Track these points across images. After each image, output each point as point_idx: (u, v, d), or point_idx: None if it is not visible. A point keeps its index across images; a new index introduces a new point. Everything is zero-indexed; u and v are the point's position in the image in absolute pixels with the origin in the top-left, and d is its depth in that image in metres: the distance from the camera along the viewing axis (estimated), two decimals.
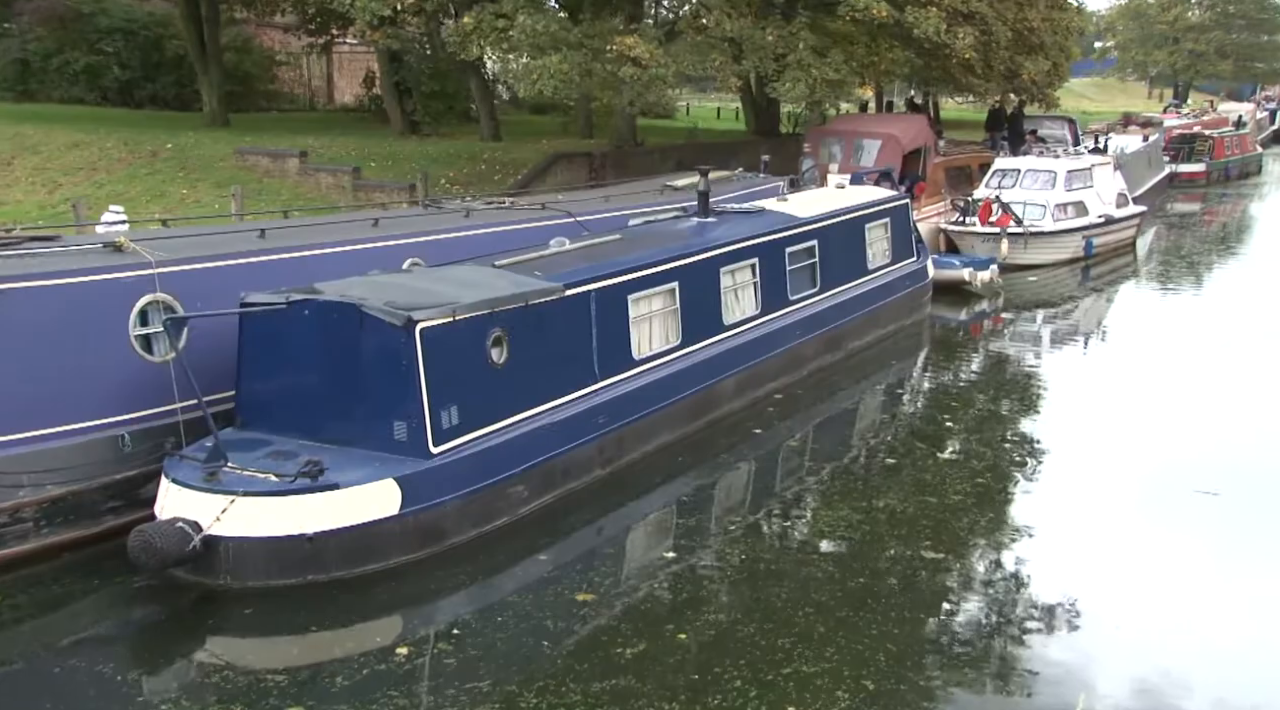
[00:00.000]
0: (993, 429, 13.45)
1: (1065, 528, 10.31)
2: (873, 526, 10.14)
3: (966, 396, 15.08)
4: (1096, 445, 12.79)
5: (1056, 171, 25.43)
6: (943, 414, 14.00)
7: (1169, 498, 11.14)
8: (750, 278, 14.64)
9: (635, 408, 11.99)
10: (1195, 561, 9.67)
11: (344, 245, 11.93)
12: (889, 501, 10.77)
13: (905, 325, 18.79)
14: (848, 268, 17.21)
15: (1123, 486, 11.32)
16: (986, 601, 8.73)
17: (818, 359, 15.90)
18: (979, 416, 14.01)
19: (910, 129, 25.78)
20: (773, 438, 12.91)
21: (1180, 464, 12.18)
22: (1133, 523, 10.36)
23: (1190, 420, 13.79)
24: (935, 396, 15.09)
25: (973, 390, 15.49)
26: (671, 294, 12.96)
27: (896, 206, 19.11)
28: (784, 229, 15.57)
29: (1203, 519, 10.61)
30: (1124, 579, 9.12)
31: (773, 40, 24.05)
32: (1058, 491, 11.35)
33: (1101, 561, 9.45)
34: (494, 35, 22.59)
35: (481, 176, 25.48)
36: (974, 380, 16.22)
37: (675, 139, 31.96)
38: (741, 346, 14.03)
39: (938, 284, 21.39)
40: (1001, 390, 15.48)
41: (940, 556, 9.46)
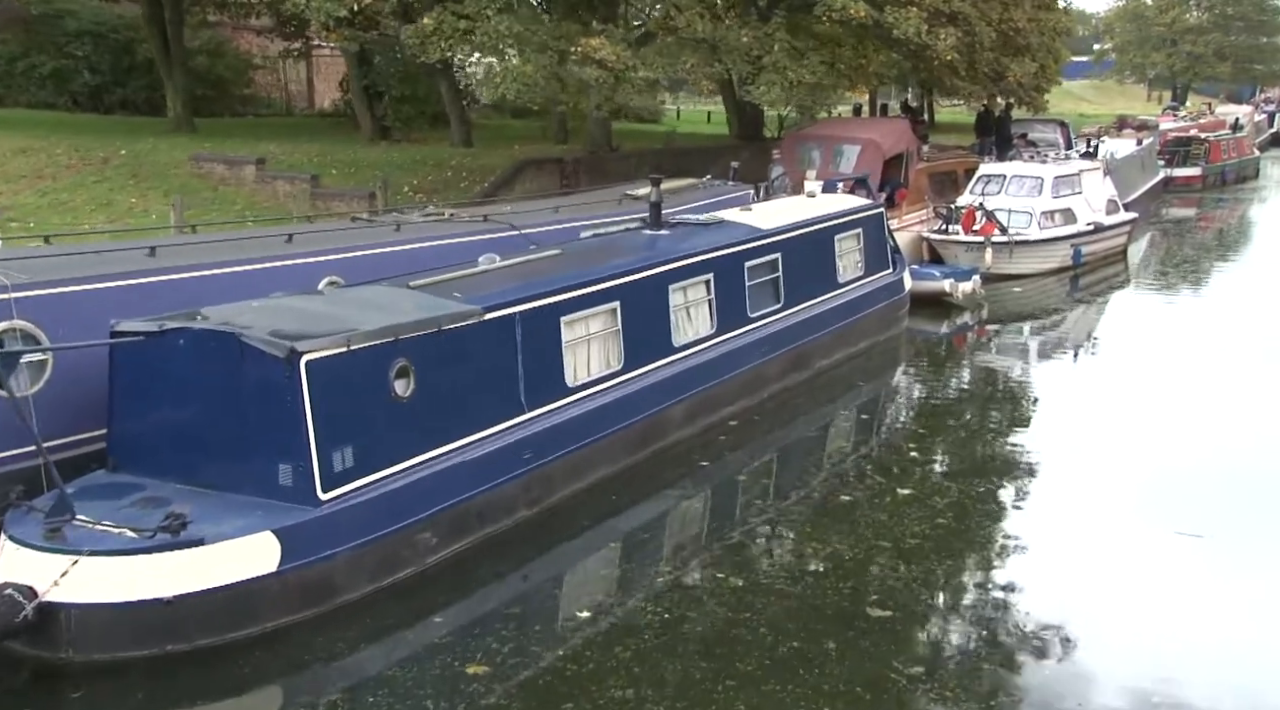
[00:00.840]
0: (961, 459, 12.41)
1: (1032, 580, 9.26)
2: (816, 579, 9.11)
3: (938, 421, 14.03)
4: (1074, 479, 11.75)
5: (1043, 177, 24.39)
6: (909, 442, 12.95)
7: (1154, 541, 10.09)
8: (704, 295, 13.61)
9: (568, 440, 10.96)
10: (1185, 615, 8.63)
11: (249, 264, 10.92)
12: (839, 546, 9.73)
13: (880, 341, 17.75)
14: (815, 282, 16.19)
15: (1103, 534, 10.23)
16: (933, 678, 7.66)
17: (781, 380, 14.87)
18: (949, 444, 12.98)
19: (891, 133, 24.75)
20: (720, 471, 11.87)
21: (1170, 500, 11.14)
22: (1114, 580, 9.27)
23: (1182, 448, 12.76)
24: (904, 421, 14.04)
25: (945, 414, 14.45)
26: (612, 314, 11.93)
27: (870, 216, 18.08)
28: (743, 242, 14.54)
29: (1191, 568, 9.58)
30: (1101, 656, 8.05)
31: (748, 42, 23.04)
32: (1025, 535, 10.30)
33: (1073, 622, 8.39)
34: (455, 37, 21.59)
35: (447, 184, 24.48)
36: (948, 402, 15.18)
37: (653, 144, 30.97)
38: (693, 369, 13.00)
39: (917, 296, 20.35)
40: (976, 413, 14.43)
41: (886, 615, 8.41)
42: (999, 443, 13.01)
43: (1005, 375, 16.87)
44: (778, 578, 9.12)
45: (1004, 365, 17.57)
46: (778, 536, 10.16)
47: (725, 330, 13.86)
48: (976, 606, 8.82)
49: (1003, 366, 17.49)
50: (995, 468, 12.06)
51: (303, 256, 11.44)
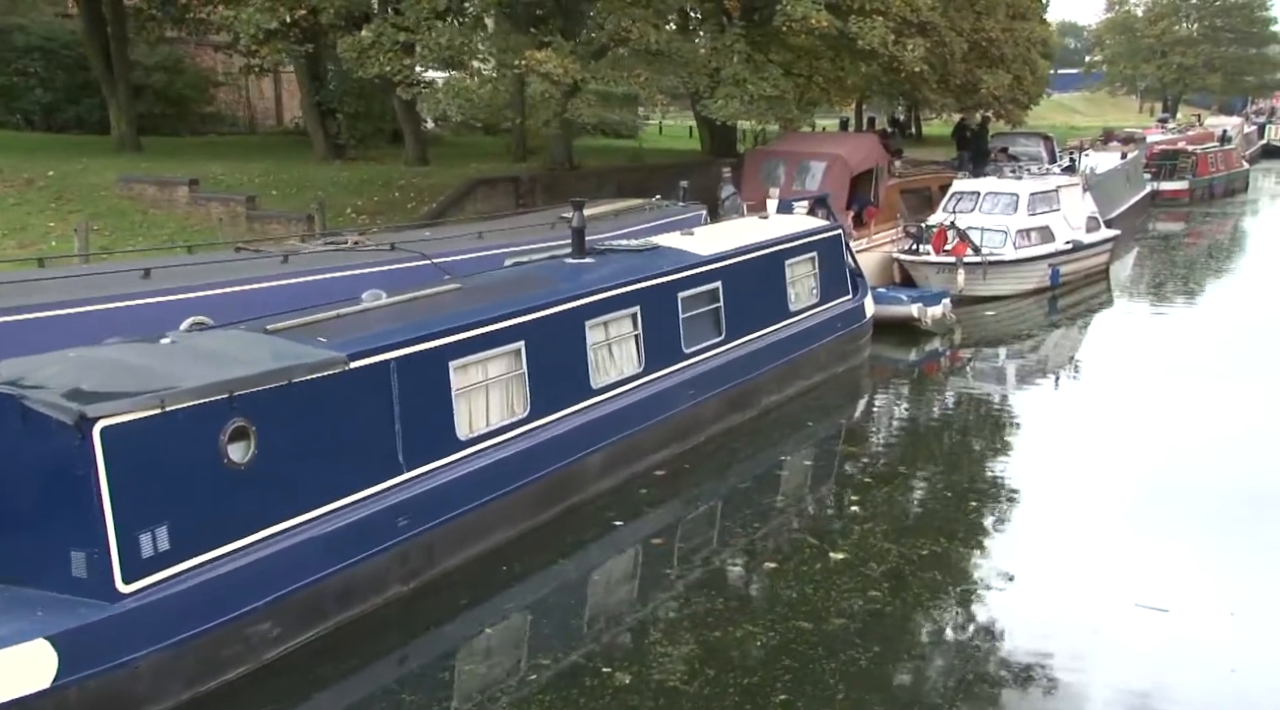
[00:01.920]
0: (908, 514, 11.05)
1: (972, 677, 7.90)
2: (718, 672, 7.74)
3: (891, 466, 12.66)
4: (1040, 544, 10.39)
5: (1019, 194, 23.09)
6: (854, 493, 11.59)
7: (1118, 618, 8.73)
8: (630, 330, 12.28)
9: (456, 502, 9.61)
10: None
11: (92, 304, 9.58)
12: (751, 628, 8.38)
13: (838, 374, 16.41)
14: (763, 311, 14.86)
15: (1068, 613, 8.89)
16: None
17: (721, 421, 13.54)
18: (899, 495, 11.62)
19: (859, 149, 23.45)
20: (634, 532, 10.51)
21: (1145, 571, 9.80)
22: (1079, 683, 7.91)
23: (1169, 499, 11.42)
24: (853, 467, 12.65)
25: (902, 456, 13.09)
26: (516, 356, 10.59)
27: (826, 238, 16.76)
28: (677, 270, 13.22)
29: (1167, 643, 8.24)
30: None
31: (705, 53, 21.74)
32: (971, 614, 8.94)
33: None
34: (395, 50, 20.32)
35: (393, 205, 23.17)
36: (907, 442, 13.83)
37: (619, 161, 29.64)
38: (614, 414, 11.66)
39: (884, 322, 19.05)
40: (936, 456, 13.10)
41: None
42: (954, 493, 11.64)
43: (972, 410, 15.54)
44: (672, 672, 7.76)
45: (972, 399, 16.24)
46: (684, 616, 8.78)
47: (655, 368, 12.53)
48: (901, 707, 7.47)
49: (970, 400, 16.15)
50: (945, 525, 10.69)
51: (161, 295, 10.10)
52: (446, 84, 20.19)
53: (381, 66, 20.33)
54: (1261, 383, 16.58)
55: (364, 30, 20.41)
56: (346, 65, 20.84)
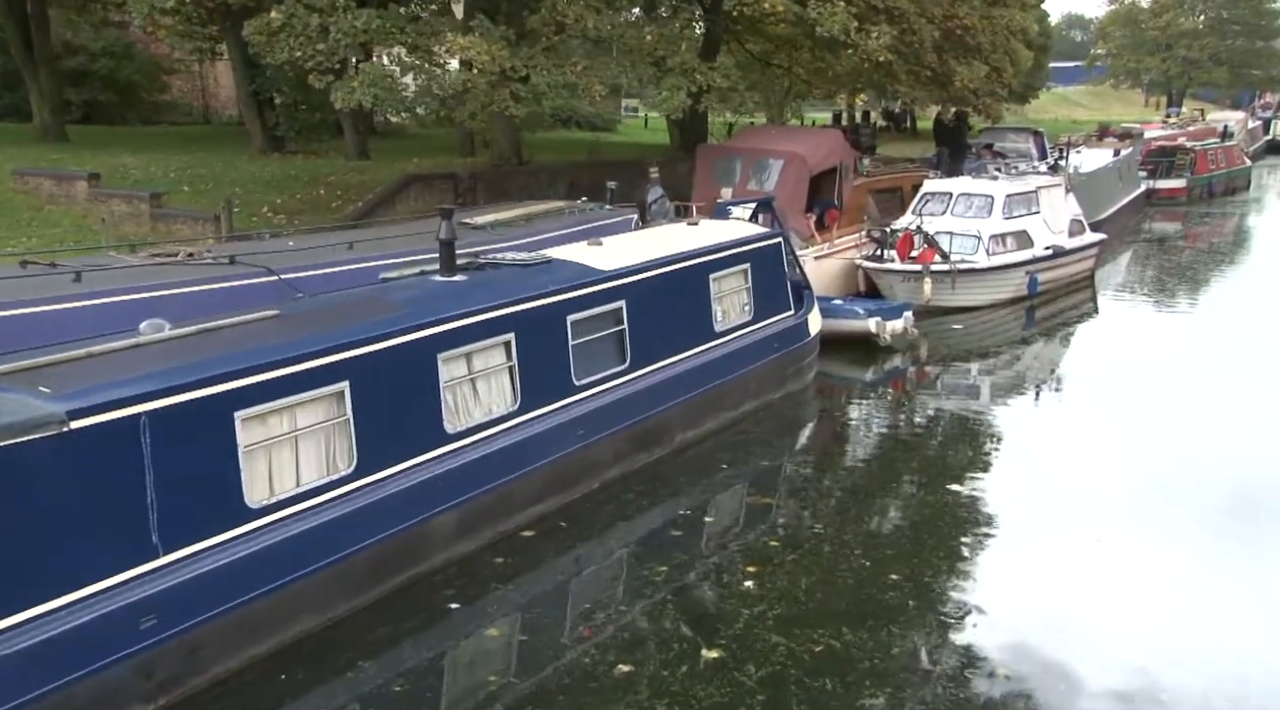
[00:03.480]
0: (809, 596, 9.10)
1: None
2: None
3: (807, 525, 10.69)
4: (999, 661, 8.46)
5: (993, 196, 21.08)
6: (754, 561, 9.63)
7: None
8: (502, 361, 10.35)
9: (237, 589, 7.70)
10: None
11: None
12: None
13: (773, 401, 14.47)
14: (680, 333, 12.92)
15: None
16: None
17: (619, 464, 11.60)
18: (808, 565, 9.66)
19: (821, 146, 21.43)
20: (472, 618, 8.56)
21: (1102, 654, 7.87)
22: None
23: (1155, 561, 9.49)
24: (761, 525, 10.63)
25: (824, 510, 11.12)
26: (338, 401, 8.67)
27: (763, 247, 14.79)
28: (568, 289, 11.27)
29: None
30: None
31: (651, 41, 19.74)
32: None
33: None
34: (306, 35, 18.35)
35: (316, 203, 21.26)
36: (835, 490, 11.85)
37: (574, 156, 27.64)
38: (474, 464, 9.73)
39: (837, 338, 17.13)
40: (867, 510, 11.14)
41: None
42: (877, 562, 9.69)
43: (924, 445, 13.58)
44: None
45: (926, 429, 14.29)
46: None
47: (534, 406, 10.60)
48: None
49: (923, 431, 14.21)
50: (857, 609, 8.76)
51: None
52: (360, 72, 18.20)
53: (292, 52, 18.37)
54: (1256, 399, 14.87)
55: (273, 12, 18.43)
56: (254, 50, 18.88)
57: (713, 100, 19.99)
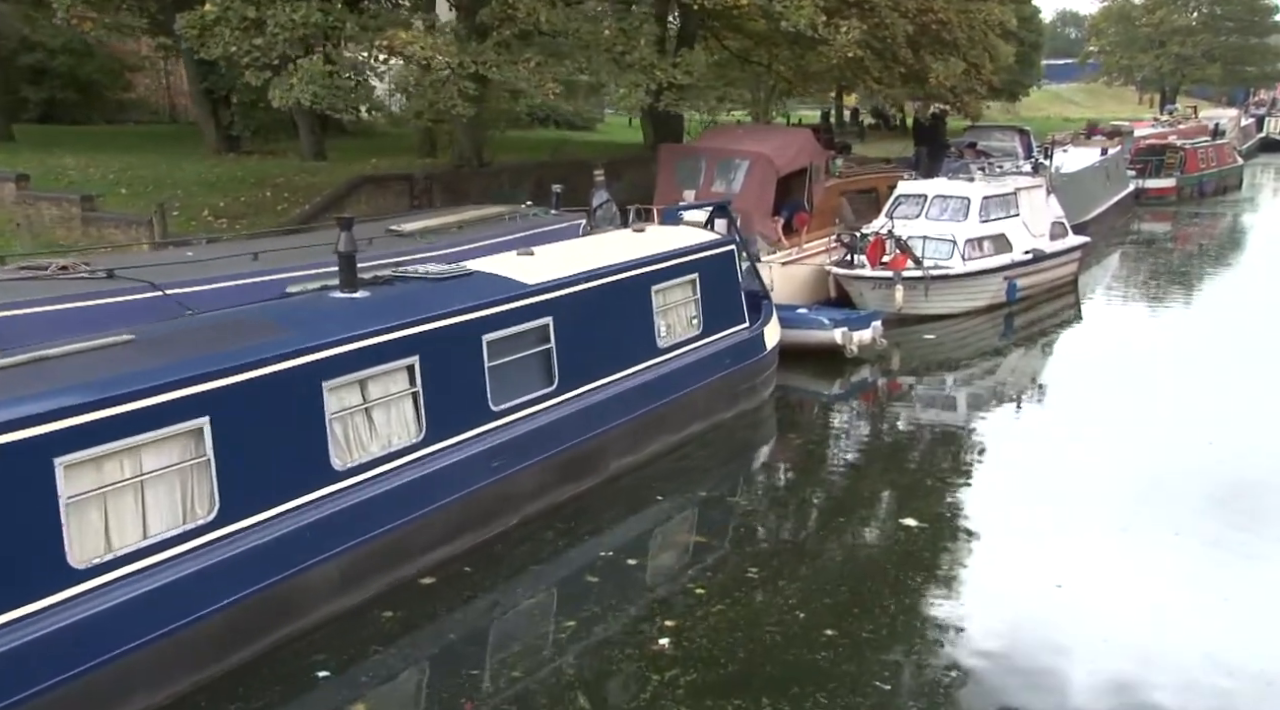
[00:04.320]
0: (730, 657, 8.02)
1: None
2: None
3: (739, 565, 9.61)
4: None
5: (969, 198, 20.00)
6: (672, 614, 8.54)
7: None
8: (404, 387, 9.28)
9: (60, 663, 6.64)
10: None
11: None
12: None
13: (725, 421, 13.39)
14: (616, 350, 11.85)
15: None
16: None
17: (544, 497, 10.53)
18: (732, 617, 8.59)
19: (789, 145, 20.34)
20: (344, 689, 7.48)
21: None
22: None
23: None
24: (693, 571, 9.54)
25: (761, 552, 10.04)
26: (196, 438, 7.60)
27: (714, 256, 13.72)
28: (487, 304, 10.21)
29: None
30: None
31: (610, 35, 18.64)
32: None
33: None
34: (242, 29, 17.28)
35: (261, 206, 20.16)
36: (777, 528, 10.75)
37: (539, 156, 26.52)
38: (365, 505, 8.67)
39: (802, 349, 16.07)
40: (815, 550, 10.07)
41: None
42: (811, 623, 8.62)
43: (888, 470, 12.50)
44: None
45: (892, 450, 13.27)
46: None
47: (442, 435, 9.54)
48: None
49: (889, 453, 13.17)
50: (780, 672, 7.69)
51: None
52: (298, 68, 17.11)
53: (227, 47, 17.32)
54: (1248, 409, 14.02)
55: (208, 4, 17.35)
56: (187, 44, 17.80)
57: (673, 98, 18.89)
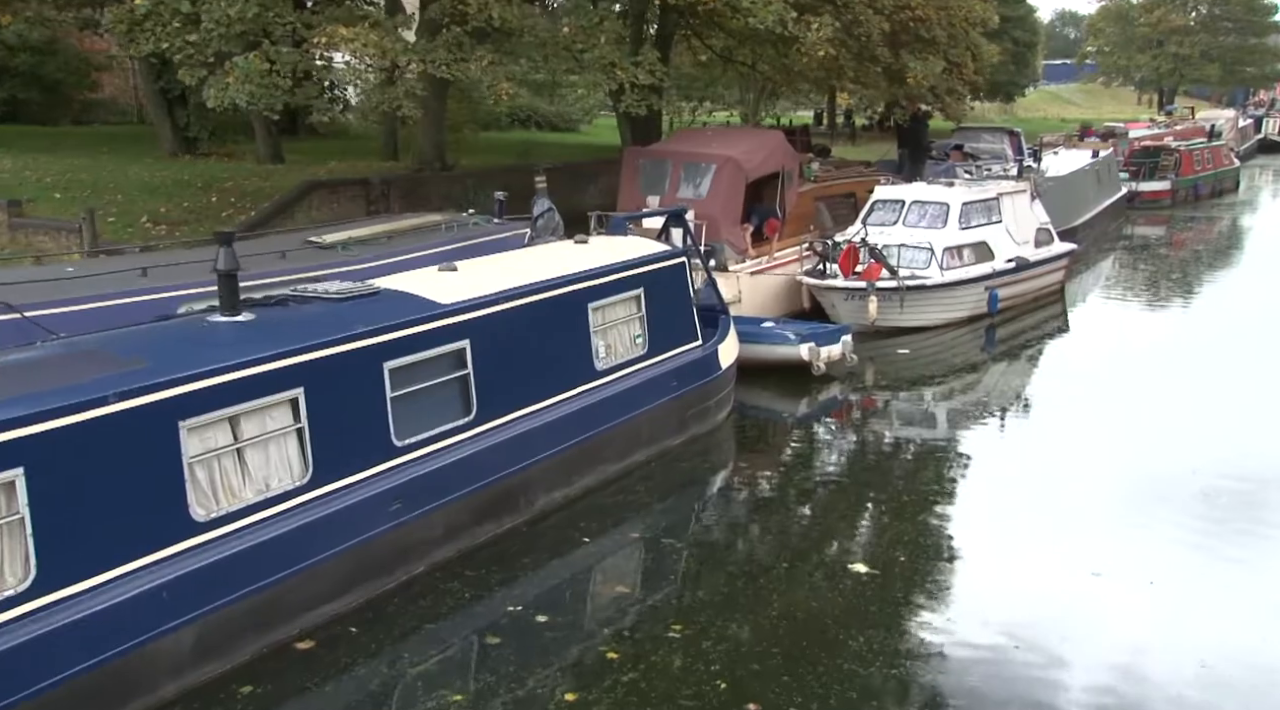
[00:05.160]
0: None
1: None
2: None
3: (664, 620, 8.51)
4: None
5: (948, 204, 18.91)
6: (573, 686, 7.46)
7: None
8: (286, 423, 8.21)
9: None
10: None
11: None
12: None
13: (673, 448, 12.31)
14: (547, 375, 10.77)
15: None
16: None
17: (456, 541, 9.46)
18: (648, 681, 7.51)
19: (759, 148, 19.23)
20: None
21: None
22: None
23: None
24: (604, 629, 8.39)
25: (689, 604, 8.94)
26: (6, 494, 6.52)
27: (662, 269, 12.66)
28: (387, 329, 9.12)
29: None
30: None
31: (569, 33, 17.54)
32: None
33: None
34: (175, 23, 16.22)
35: (205, 212, 19.11)
36: (716, 572, 9.62)
37: (505, 159, 25.39)
38: (232, 560, 7.59)
39: (769, 366, 15.02)
40: (742, 600, 8.96)
41: None
42: (739, 678, 7.54)
43: (847, 501, 11.45)
44: None
45: (849, 478, 12.21)
46: None
47: (333, 476, 8.47)
48: None
49: (846, 481, 12.12)
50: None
51: None
52: (234, 66, 16.04)
53: (158, 42, 16.27)
54: (1243, 423, 13.26)
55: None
56: (118, 41, 16.76)
57: (635, 99, 17.79)
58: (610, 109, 18.62)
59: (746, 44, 29.24)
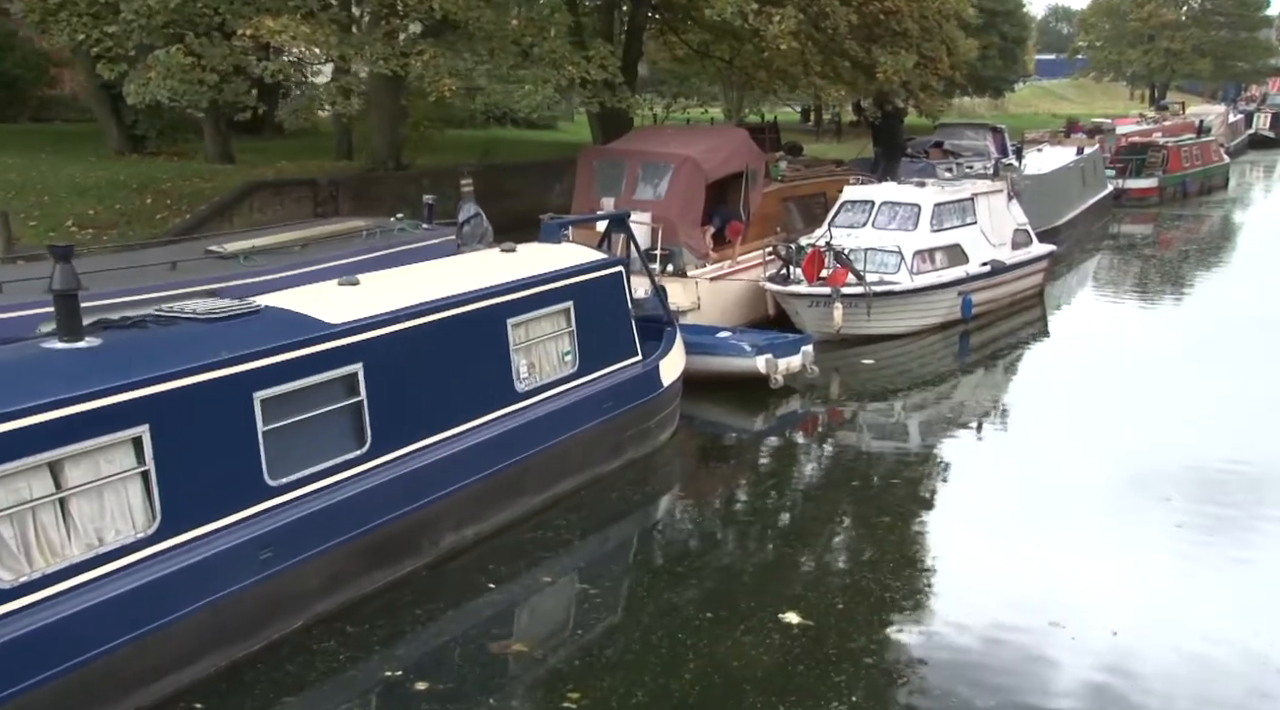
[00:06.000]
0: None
1: None
2: None
3: (557, 687, 7.42)
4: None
5: (919, 205, 17.80)
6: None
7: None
8: (128, 466, 7.09)
9: None
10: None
11: None
12: None
13: (606, 474, 11.21)
14: (459, 399, 9.68)
15: None
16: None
17: (344, 590, 8.36)
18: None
19: (721, 147, 18.08)
20: None
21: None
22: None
23: None
24: (489, 697, 7.36)
25: (591, 666, 7.82)
26: None
27: (595, 280, 11.56)
28: (257, 355, 8.00)
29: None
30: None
31: (517, 26, 16.41)
32: None
33: None
34: (92, 12, 15.10)
35: (138, 215, 17.99)
36: (629, 628, 8.54)
37: (465, 159, 24.24)
38: (51, 629, 6.49)
39: (723, 379, 13.93)
40: (653, 660, 7.86)
41: None
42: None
43: (794, 532, 10.37)
44: None
45: (800, 506, 11.10)
46: None
47: (187, 523, 7.37)
48: None
49: (796, 510, 11.00)
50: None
51: None
52: (155, 61, 14.91)
53: (74, 33, 15.14)
54: (1237, 437, 12.28)
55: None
56: (29, 30, 15.65)
57: (587, 95, 16.68)
58: (556, 107, 17.57)
59: (724, 38, 28.15)
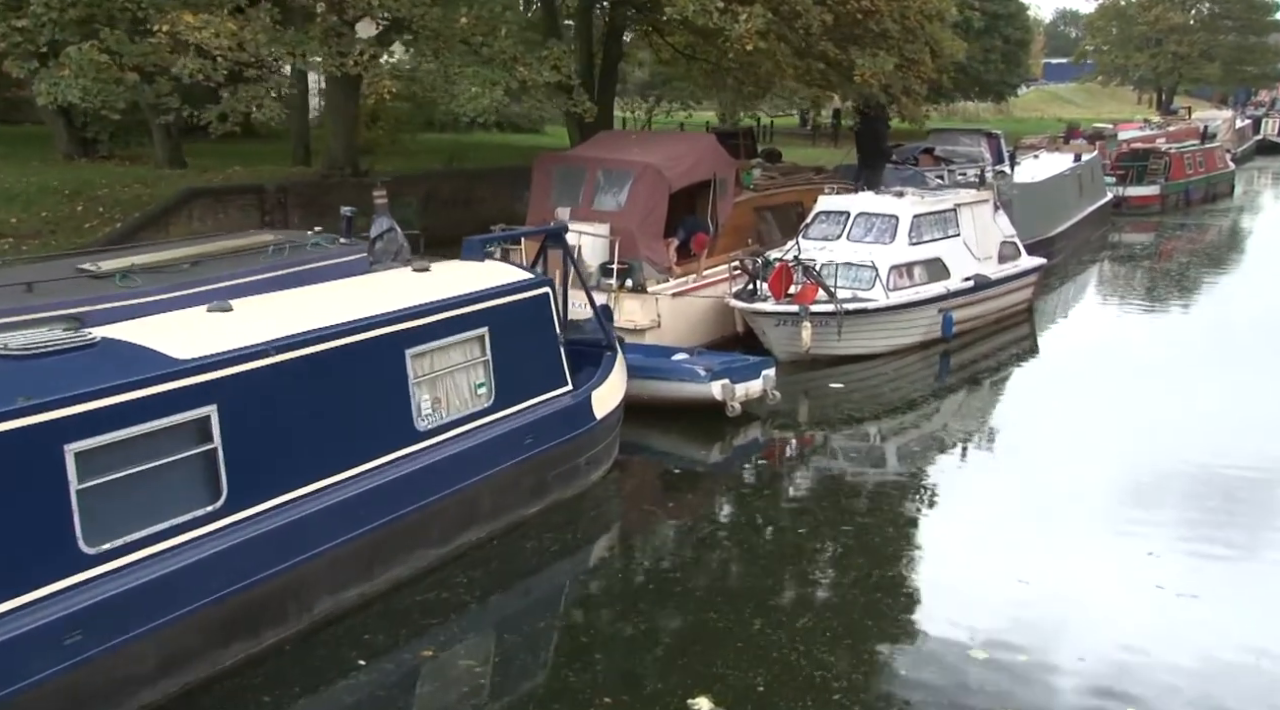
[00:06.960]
0: None
1: None
2: None
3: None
4: None
5: (898, 216, 16.51)
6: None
7: None
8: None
9: None
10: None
11: None
12: None
13: (527, 518, 9.97)
14: (343, 441, 8.43)
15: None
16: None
17: (185, 671, 7.14)
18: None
19: (686, 154, 16.79)
20: None
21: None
22: None
23: None
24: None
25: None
26: None
27: (514, 303, 10.32)
28: (74, 399, 6.77)
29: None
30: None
31: (466, 24, 15.17)
32: None
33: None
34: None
35: (67, 223, 16.81)
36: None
37: (430, 164, 22.94)
38: None
39: (675, 407, 12.71)
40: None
41: None
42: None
43: (723, 600, 9.08)
44: None
45: (741, 566, 9.79)
46: None
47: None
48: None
49: (738, 568, 9.71)
50: None
51: None
52: (67, 58, 13.72)
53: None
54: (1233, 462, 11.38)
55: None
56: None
57: (535, 100, 15.46)
58: (506, 110, 16.37)
59: (711, 40, 26.89)
